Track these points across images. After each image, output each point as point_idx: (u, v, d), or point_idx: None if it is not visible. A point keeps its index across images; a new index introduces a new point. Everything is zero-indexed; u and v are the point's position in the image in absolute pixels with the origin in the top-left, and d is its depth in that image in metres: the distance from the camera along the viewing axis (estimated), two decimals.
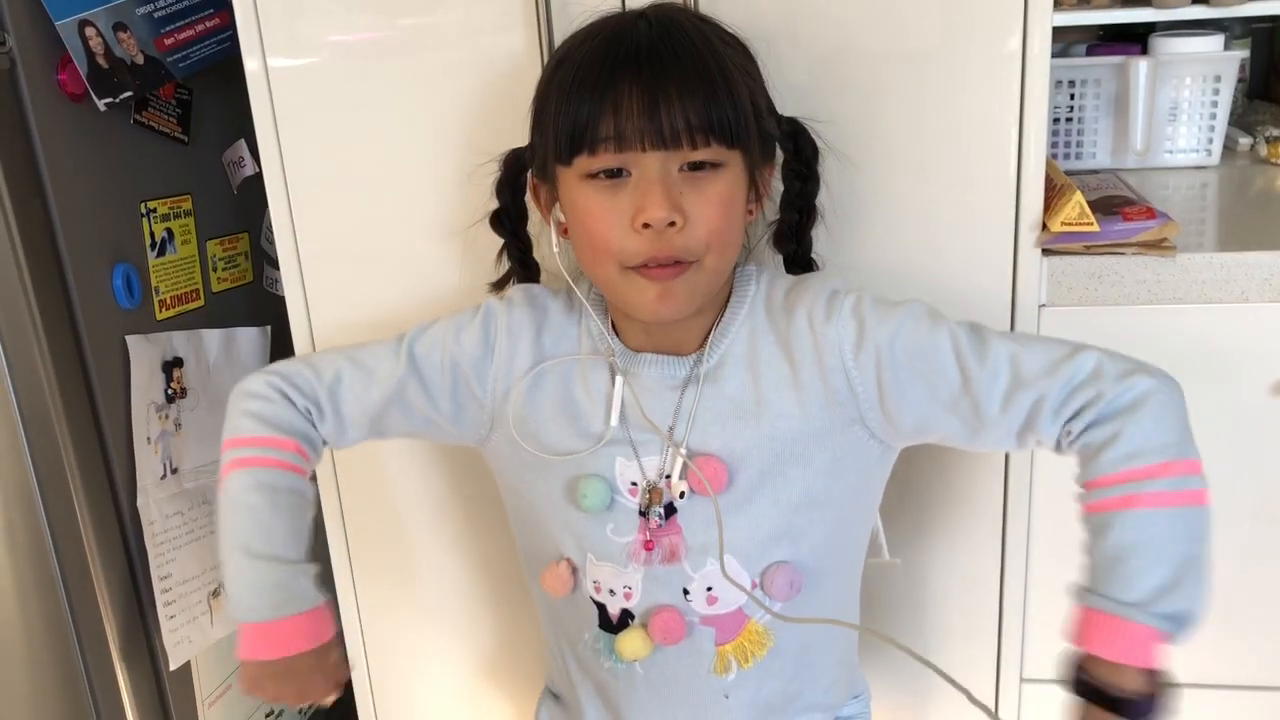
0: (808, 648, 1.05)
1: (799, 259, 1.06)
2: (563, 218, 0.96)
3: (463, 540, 1.31)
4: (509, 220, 1.06)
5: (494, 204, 1.05)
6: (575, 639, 1.07)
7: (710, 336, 0.98)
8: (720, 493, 0.97)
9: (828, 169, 1.06)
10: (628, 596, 1.02)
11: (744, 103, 0.90)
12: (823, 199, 1.04)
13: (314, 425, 1.03)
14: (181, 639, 1.38)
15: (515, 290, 1.06)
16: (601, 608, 1.03)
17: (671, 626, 1.00)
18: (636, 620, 1.02)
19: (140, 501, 1.33)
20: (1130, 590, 0.86)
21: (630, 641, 1.02)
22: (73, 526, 1.27)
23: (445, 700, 1.42)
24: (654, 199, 0.87)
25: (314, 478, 1.04)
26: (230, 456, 1.00)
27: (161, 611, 1.35)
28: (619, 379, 0.99)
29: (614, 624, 1.03)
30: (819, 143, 1.02)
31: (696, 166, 0.89)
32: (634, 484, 0.99)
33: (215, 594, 1.43)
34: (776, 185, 1.03)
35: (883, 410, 0.95)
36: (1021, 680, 1.29)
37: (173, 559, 1.37)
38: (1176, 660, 1.25)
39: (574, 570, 1.03)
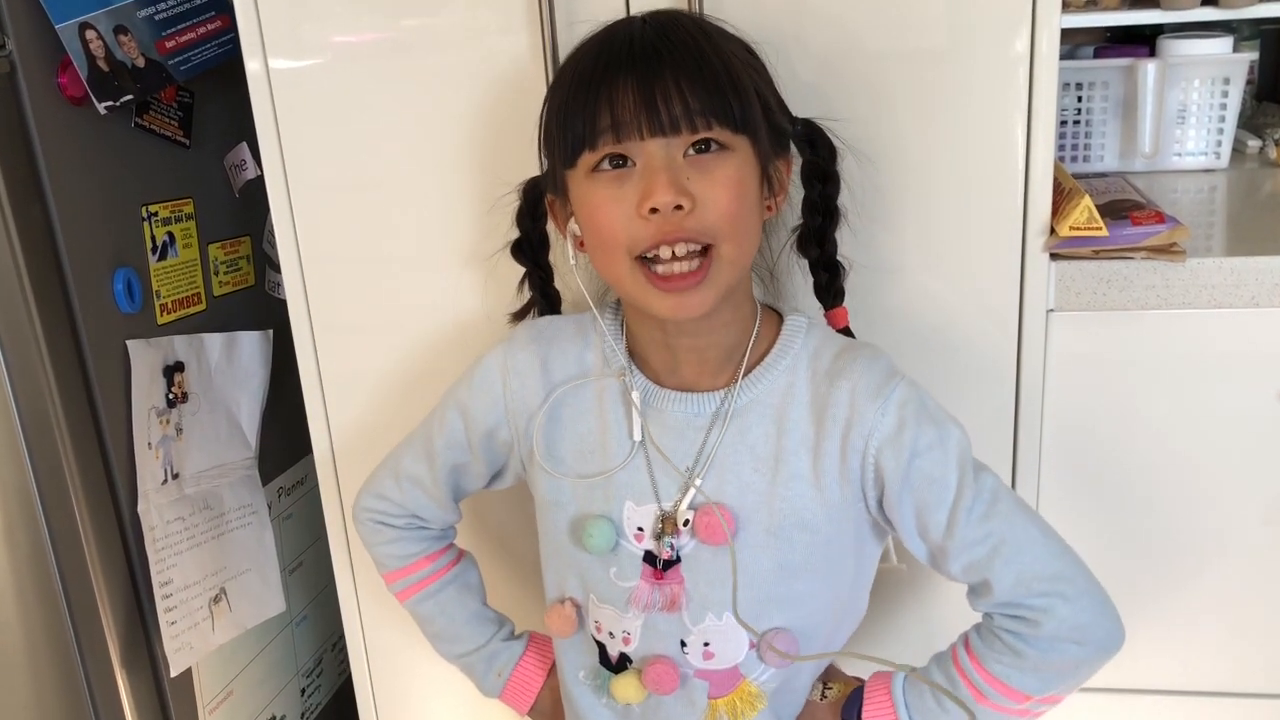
0: (799, 705, 1.05)
1: (824, 262, 1.03)
2: (578, 230, 0.95)
3: (467, 549, 1.31)
4: (530, 249, 1.05)
5: (510, 229, 1.06)
6: (575, 675, 1.07)
7: (741, 372, 0.96)
8: (723, 544, 0.95)
9: (852, 160, 1.04)
10: (626, 642, 1.01)
11: (747, 89, 0.89)
12: (847, 196, 1.03)
13: (425, 527, 1.13)
14: (182, 645, 1.37)
15: (520, 328, 1.06)
16: (602, 647, 1.03)
17: (664, 678, 0.99)
18: (633, 666, 1.02)
19: (141, 507, 1.32)
20: None
21: (624, 687, 1.02)
22: (73, 532, 1.26)
23: (448, 713, 1.41)
24: (659, 183, 0.85)
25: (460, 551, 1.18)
26: (396, 588, 1.15)
27: (162, 618, 1.34)
28: (636, 395, 0.98)
29: (613, 664, 1.03)
30: (836, 142, 1.00)
31: (702, 150, 0.87)
32: (640, 529, 0.98)
33: (216, 600, 1.43)
34: (796, 190, 1.01)
35: (879, 503, 0.96)
36: None
37: (174, 565, 1.36)
38: (1182, 670, 1.25)
39: (578, 610, 1.03)
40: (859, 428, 0.93)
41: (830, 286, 1.04)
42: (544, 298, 1.08)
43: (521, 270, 1.08)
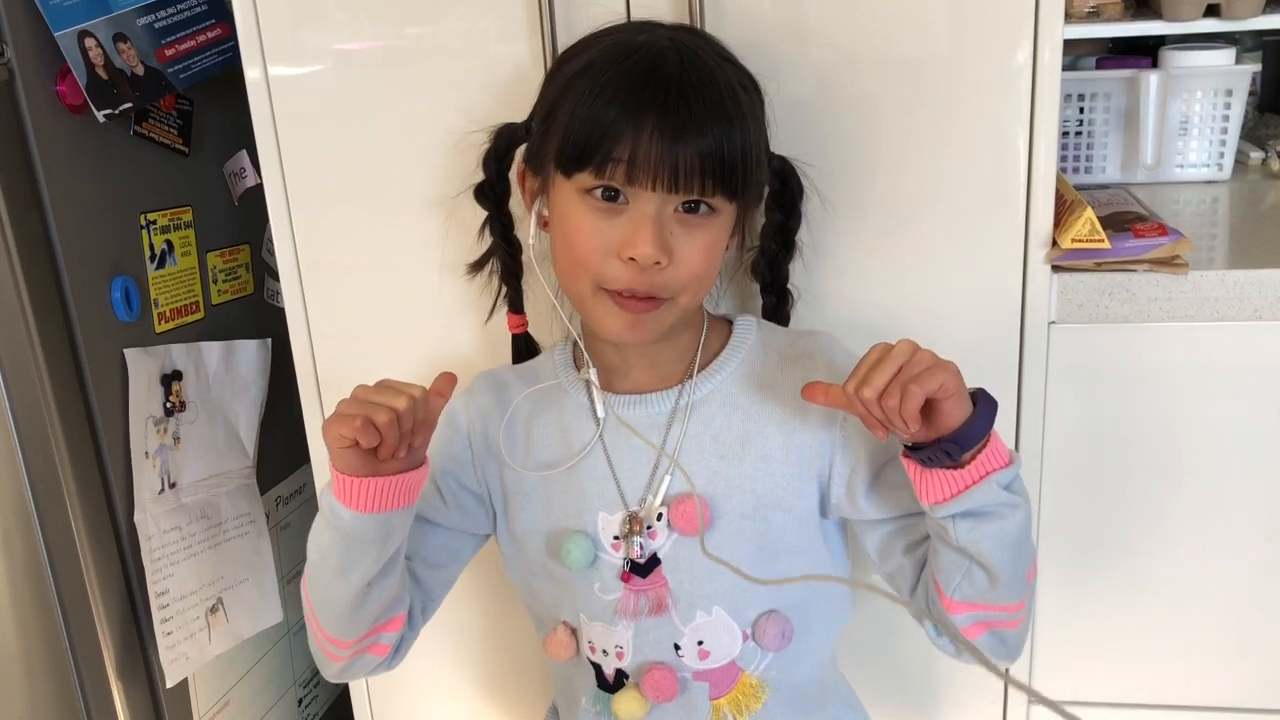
0: (804, 695, 1.04)
1: (774, 288, 1.07)
2: (545, 211, 0.96)
3: None
4: (492, 193, 1.05)
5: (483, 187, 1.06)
6: (575, 704, 1.07)
7: (694, 369, 0.99)
8: (705, 530, 0.96)
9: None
10: (619, 656, 1.01)
11: (752, 157, 0.90)
12: (805, 233, 1.05)
13: None
14: (178, 656, 1.36)
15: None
16: (598, 668, 1.03)
17: (663, 684, 0.99)
18: (630, 680, 1.02)
19: (138, 517, 1.32)
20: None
21: (625, 703, 1.02)
22: (69, 542, 1.26)
23: None
24: (645, 237, 0.87)
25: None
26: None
27: (158, 628, 1.33)
28: (593, 370, 1.00)
29: (610, 685, 1.03)
30: (806, 182, 1.03)
31: (691, 209, 0.89)
32: (616, 538, 0.99)
33: (213, 610, 1.42)
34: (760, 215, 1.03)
35: (847, 484, 0.97)
36: (1029, 702, 1.27)
37: (170, 575, 1.35)
38: (1185, 685, 1.24)
39: (573, 633, 1.03)
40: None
41: (777, 312, 1.08)
42: (505, 243, 1.08)
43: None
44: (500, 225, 1.07)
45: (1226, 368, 1.14)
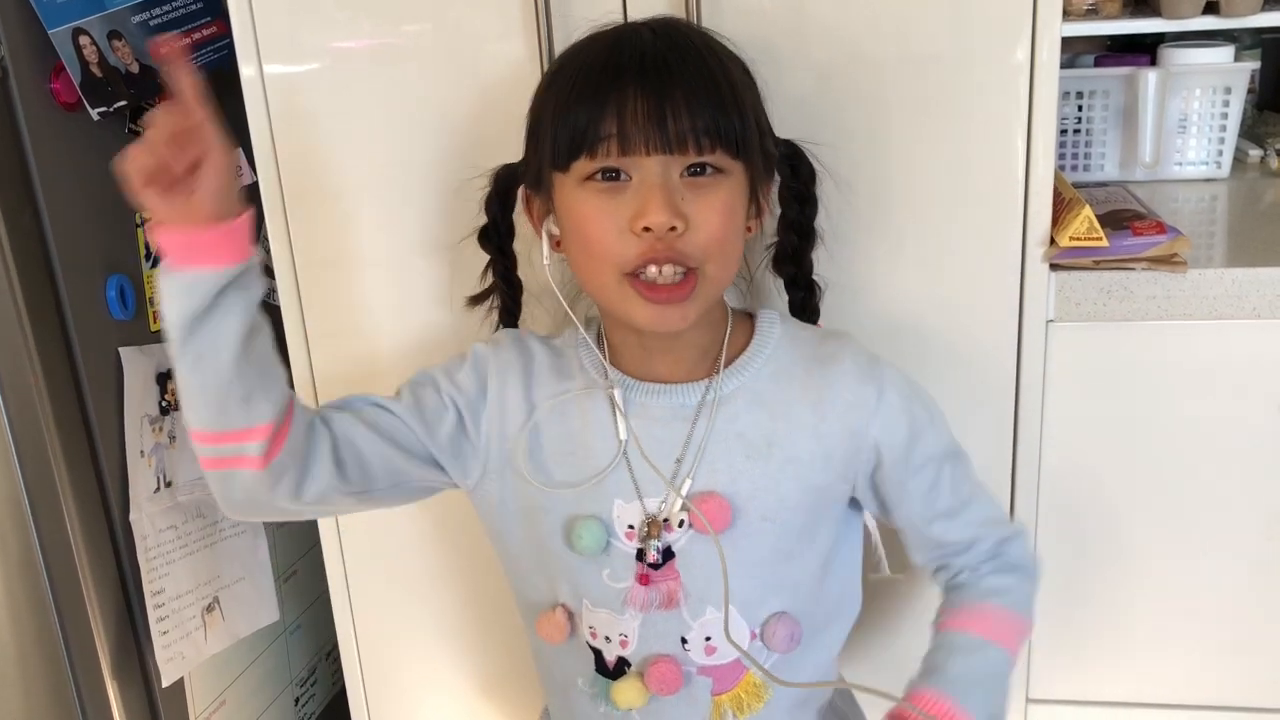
0: (805, 698, 1.04)
1: (800, 281, 1.05)
2: (555, 230, 0.95)
3: (461, 560, 1.30)
4: (496, 236, 1.05)
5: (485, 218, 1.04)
6: (570, 685, 1.05)
7: (722, 362, 0.97)
8: (722, 532, 0.95)
9: (831, 184, 1.04)
10: (624, 644, 1.00)
11: (749, 114, 0.89)
12: (824, 218, 1.03)
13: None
14: (174, 655, 1.36)
15: (502, 333, 1.05)
16: (598, 653, 1.02)
17: (668, 677, 0.98)
18: (633, 669, 1.00)
19: (133, 516, 1.31)
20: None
21: (626, 691, 1.00)
22: (64, 542, 1.25)
23: None
24: (655, 203, 0.85)
25: None
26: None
27: (154, 628, 1.33)
28: (618, 392, 0.97)
29: (610, 670, 1.01)
30: (816, 165, 1.01)
31: (697, 172, 0.88)
32: (631, 527, 0.97)
33: (209, 609, 1.42)
34: (774, 208, 1.02)
35: (871, 480, 0.97)
36: (1028, 701, 1.27)
37: (166, 574, 1.35)
38: (1185, 685, 1.24)
39: (570, 616, 1.01)
40: (859, 410, 0.95)
41: (806, 305, 1.06)
42: (506, 284, 1.07)
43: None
44: (503, 267, 1.06)
45: (1225, 366, 1.14)
